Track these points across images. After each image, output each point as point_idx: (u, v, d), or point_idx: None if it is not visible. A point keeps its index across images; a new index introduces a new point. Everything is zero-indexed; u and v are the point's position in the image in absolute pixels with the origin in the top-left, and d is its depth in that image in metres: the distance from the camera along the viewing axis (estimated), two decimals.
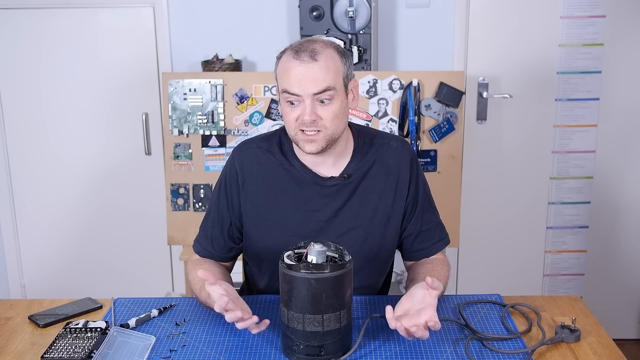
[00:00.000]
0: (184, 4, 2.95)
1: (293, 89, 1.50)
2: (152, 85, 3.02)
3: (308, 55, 1.50)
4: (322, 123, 1.52)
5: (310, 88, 1.50)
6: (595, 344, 1.45)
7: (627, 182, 3.06)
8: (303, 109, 1.51)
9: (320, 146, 1.55)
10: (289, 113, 1.54)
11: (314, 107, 1.51)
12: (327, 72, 1.50)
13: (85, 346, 1.44)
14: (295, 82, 1.50)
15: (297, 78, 1.50)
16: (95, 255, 3.21)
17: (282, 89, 1.53)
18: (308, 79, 1.49)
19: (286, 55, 1.54)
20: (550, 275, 3.16)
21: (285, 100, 1.54)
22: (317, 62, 1.50)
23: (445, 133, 2.67)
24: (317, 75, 1.49)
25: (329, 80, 1.50)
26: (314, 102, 1.51)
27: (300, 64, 1.50)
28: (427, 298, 1.39)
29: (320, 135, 1.53)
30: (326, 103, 1.52)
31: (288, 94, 1.52)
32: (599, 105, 2.98)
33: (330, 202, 1.64)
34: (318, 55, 1.50)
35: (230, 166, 1.69)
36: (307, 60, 1.49)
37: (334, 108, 1.53)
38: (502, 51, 2.94)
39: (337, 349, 1.37)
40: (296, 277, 1.33)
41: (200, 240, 1.74)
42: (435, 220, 1.74)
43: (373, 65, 2.70)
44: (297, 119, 1.53)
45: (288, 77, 1.51)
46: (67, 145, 3.09)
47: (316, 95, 1.50)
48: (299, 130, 1.54)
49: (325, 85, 1.50)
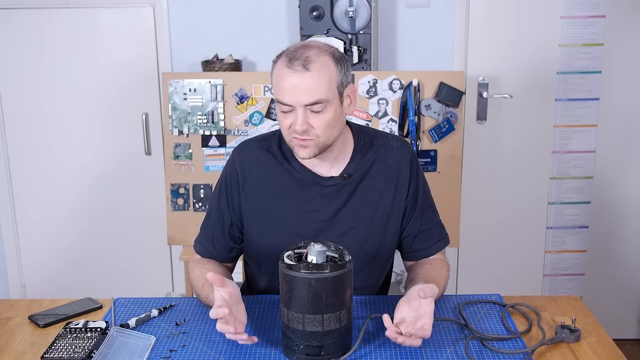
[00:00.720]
0: (184, 4, 2.95)
1: (285, 99, 1.50)
2: (152, 85, 3.02)
3: (301, 65, 1.48)
4: (314, 132, 1.52)
5: (302, 99, 1.49)
6: (595, 344, 1.45)
7: (627, 182, 3.06)
8: (295, 117, 1.51)
9: (313, 152, 1.55)
10: (283, 120, 1.55)
11: (306, 117, 1.51)
12: (320, 82, 1.49)
13: (85, 346, 1.44)
14: (288, 93, 1.49)
15: (289, 88, 1.49)
16: (95, 256, 3.20)
17: (276, 98, 1.53)
18: (300, 89, 1.48)
19: (280, 62, 1.52)
20: (550, 275, 3.16)
21: (279, 109, 1.54)
22: (309, 72, 1.48)
23: (445, 133, 2.67)
24: (309, 86, 1.48)
25: (320, 92, 1.49)
26: (306, 111, 1.50)
27: (293, 74, 1.48)
28: (424, 306, 1.39)
29: (312, 142, 1.54)
30: (318, 112, 1.51)
31: (280, 103, 1.52)
32: (599, 105, 2.98)
33: (330, 202, 1.64)
34: (311, 65, 1.48)
35: (231, 166, 1.69)
36: (299, 70, 1.48)
37: (326, 117, 1.52)
38: (502, 51, 2.94)
39: (337, 349, 1.37)
40: (296, 277, 1.33)
41: (202, 240, 1.74)
42: (435, 220, 1.74)
43: (373, 65, 2.70)
44: (290, 127, 1.53)
45: (281, 86, 1.50)
46: (67, 145, 3.09)
47: (308, 106, 1.50)
48: (293, 137, 1.55)
49: (317, 97, 1.49)
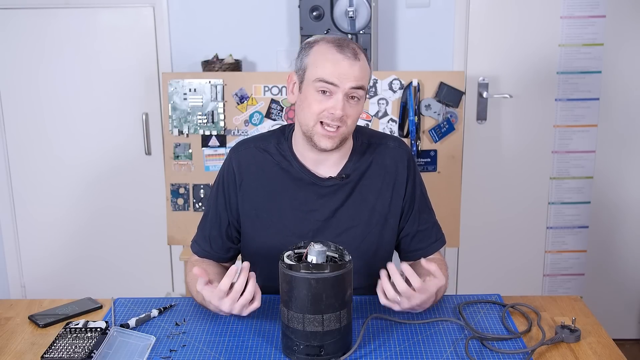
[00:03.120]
0: (184, 4, 2.95)
1: (332, 78, 1.51)
2: (152, 85, 3.02)
3: (351, 53, 1.52)
4: (346, 120, 1.54)
5: (349, 82, 1.51)
6: (595, 344, 1.45)
7: (627, 182, 3.06)
8: (335, 102, 1.52)
9: (336, 143, 1.56)
10: (316, 103, 1.53)
11: (344, 103, 1.53)
12: (365, 74, 1.54)
13: (85, 346, 1.44)
14: (336, 73, 1.51)
15: (339, 70, 1.51)
16: (95, 255, 3.20)
17: (317, 77, 1.52)
18: (349, 73, 1.51)
19: (324, 46, 1.54)
20: (550, 275, 3.16)
21: (316, 89, 1.53)
22: (359, 61, 1.53)
23: (445, 133, 2.67)
24: (357, 74, 1.52)
25: (364, 80, 1.54)
26: (345, 98, 1.52)
27: (345, 59, 1.51)
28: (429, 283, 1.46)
29: (339, 132, 1.55)
30: (355, 101, 1.54)
31: (324, 82, 1.52)
32: (599, 105, 2.98)
33: (328, 202, 1.64)
34: (359, 56, 1.54)
35: (228, 166, 1.69)
36: (350, 57, 1.52)
37: (359, 108, 1.56)
38: (502, 51, 2.94)
39: (337, 349, 1.37)
40: (296, 277, 1.33)
41: (199, 240, 1.74)
42: (432, 220, 1.74)
43: (373, 65, 2.67)
44: (323, 111, 1.53)
45: (329, 67, 1.51)
46: (67, 145, 3.09)
47: (351, 89, 1.52)
48: (319, 123, 1.54)
49: (362, 83, 1.53)
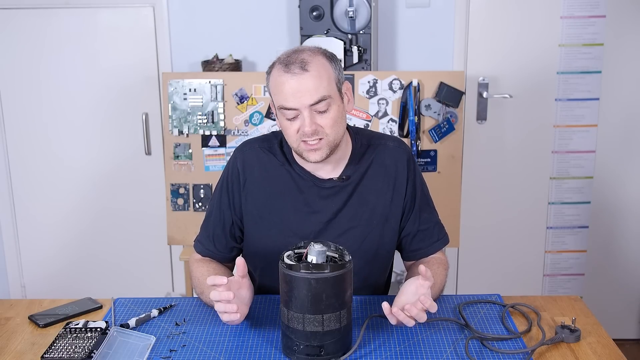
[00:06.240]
0: (184, 4, 2.95)
1: (289, 103, 1.49)
2: (152, 85, 3.02)
3: (298, 67, 1.48)
4: (323, 131, 1.52)
5: (305, 100, 1.48)
6: (595, 344, 1.45)
7: (627, 182, 3.06)
8: (302, 120, 1.50)
9: (325, 153, 1.55)
10: (289, 127, 1.53)
11: (313, 117, 1.51)
12: (320, 80, 1.49)
13: (85, 346, 1.44)
14: (290, 96, 1.49)
15: (291, 92, 1.48)
16: (95, 256, 3.20)
17: (279, 105, 1.52)
18: (302, 90, 1.48)
19: (276, 70, 1.52)
20: (550, 275, 3.16)
21: (284, 116, 1.53)
22: (308, 72, 1.48)
23: (445, 133, 2.67)
24: (310, 86, 1.48)
25: (322, 89, 1.49)
26: (311, 112, 1.50)
27: (292, 77, 1.48)
28: (420, 289, 1.42)
29: (323, 142, 1.53)
30: (324, 111, 1.51)
31: (285, 109, 1.51)
32: (599, 105, 2.98)
33: (330, 203, 1.64)
34: (308, 65, 1.48)
35: (233, 165, 1.69)
36: (298, 72, 1.48)
37: (332, 115, 1.52)
38: (502, 51, 2.94)
39: (337, 349, 1.37)
40: (296, 277, 1.33)
41: (202, 239, 1.74)
42: (434, 219, 1.74)
43: (373, 65, 2.70)
44: (298, 131, 1.52)
45: (282, 92, 1.50)
46: (67, 145, 3.09)
47: (313, 105, 1.49)
48: (301, 142, 1.54)
49: (320, 95, 1.49)
